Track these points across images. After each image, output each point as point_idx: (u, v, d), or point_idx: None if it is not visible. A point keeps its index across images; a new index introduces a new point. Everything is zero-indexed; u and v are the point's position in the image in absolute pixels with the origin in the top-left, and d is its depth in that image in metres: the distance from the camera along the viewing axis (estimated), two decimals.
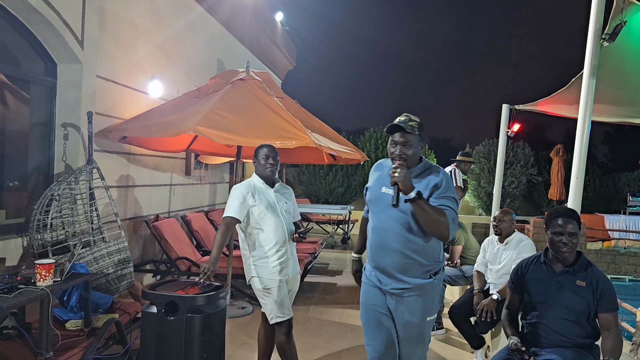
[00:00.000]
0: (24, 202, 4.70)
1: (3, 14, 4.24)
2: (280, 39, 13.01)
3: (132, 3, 5.95)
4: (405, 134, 2.61)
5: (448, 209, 2.50)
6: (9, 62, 4.47)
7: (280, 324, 3.47)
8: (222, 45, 9.15)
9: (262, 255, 3.44)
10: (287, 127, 4.99)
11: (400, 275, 2.66)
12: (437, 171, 2.66)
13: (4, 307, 2.70)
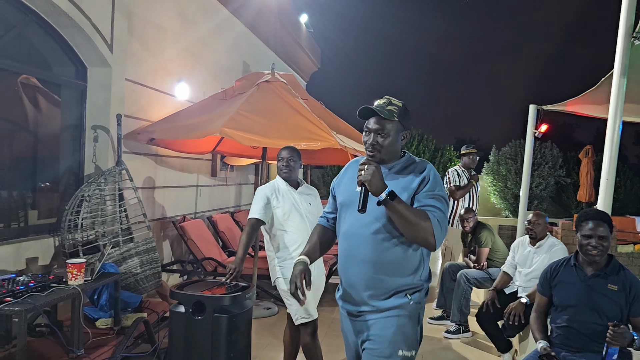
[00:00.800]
0: (55, 203, 4.81)
1: (36, 19, 4.36)
2: (304, 40, 13.06)
3: (160, 7, 6.05)
4: (381, 120, 2.16)
5: (434, 210, 2.06)
6: (41, 66, 4.59)
7: (305, 325, 3.48)
8: (247, 47, 9.22)
9: (287, 256, 3.45)
10: (312, 129, 5.01)
11: (369, 292, 2.16)
12: (423, 165, 2.21)
13: (38, 305, 2.77)
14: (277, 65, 7.24)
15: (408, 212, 2.01)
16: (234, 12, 8.31)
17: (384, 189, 2.00)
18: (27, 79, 4.50)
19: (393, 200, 1.99)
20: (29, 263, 4.05)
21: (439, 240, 2.04)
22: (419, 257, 2.19)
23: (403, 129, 2.21)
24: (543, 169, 14.50)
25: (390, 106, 2.20)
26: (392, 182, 2.13)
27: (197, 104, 6.05)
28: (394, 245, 2.13)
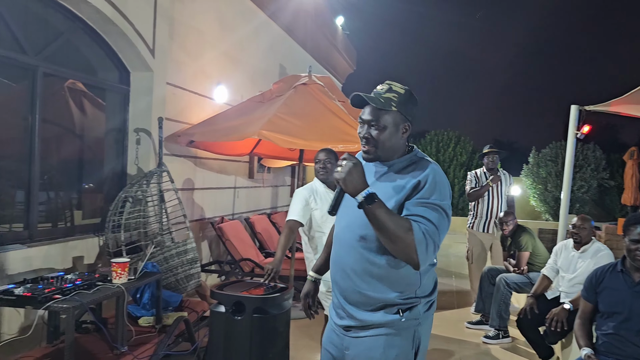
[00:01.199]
0: (100, 204, 4.97)
1: (82, 26, 4.51)
2: (340, 43, 13.08)
3: (200, 12, 6.17)
4: (376, 110, 1.85)
5: (422, 221, 1.72)
6: (87, 71, 4.74)
7: None
8: (284, 50, 9.30)
9: None
10: (349, 131, 5.01)
11: (354, 305, 1.93)
12: (424, 166, 1.86)
13: (84, 303, 2.86)
14: (313, 67, 7.27)
15: (387, 220, 1.69)
16: (271, 15, 8.40)
17: (362, 190, 1.70)
18: (74, 83, 4.66)
19: (371, 204, 1.69)
20: (75, 262, 4.19)
21: (423, 258, 1.70)
22: (413, 273, 1.85)
23: (404, 121, 1.88)
24: (585, 171, 14.08)
25: (389, 93, 1.88)
26: (385, 184, 1.87)
27: (236, 106, 6.14)
28: (381, 256, 1.83)
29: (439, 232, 1.74)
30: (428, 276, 1.94)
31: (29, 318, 3.59)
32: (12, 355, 3.14)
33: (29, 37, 3.95)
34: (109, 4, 4.39)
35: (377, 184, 1.88)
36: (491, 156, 6.10)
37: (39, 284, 3.01)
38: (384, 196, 1.78)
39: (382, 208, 1.70)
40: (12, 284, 2.99)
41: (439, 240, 1.75)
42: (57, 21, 4.31)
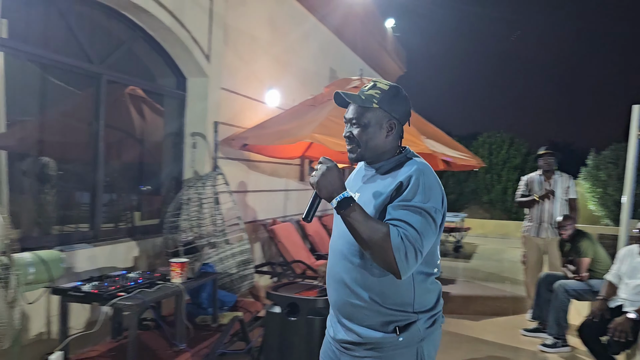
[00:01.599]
0: (157, 205, 5.15)
1: (142, 35, 4.70)
2: (390, 45, 13.02)
3: (253, 18, 6.30)
4: (358, 108, 1.78)
5: (402, 225, 1.58)
6: (146, 78, 4.94)
7: None
8: (334, 53, 9.35)
9: None
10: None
11: (347, 321, 1.79)
12: (409, 167, 1.71)
13: (146, 301, 2.98)
14: (363, 70, 7.28)
15: (362, 225, 1.58)
16: (321, 18, 8.47)
17: (336, 195, 1.62)
18: (134, 90, 4.87)
19: (345, 209, 1.60)
20: (135, 261, 4.36)
21: (402, 266, 1.55)
22: (406, 284, 1.70)
23: (388, 118, 1.77)
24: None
25: (372, 90, 1.78)
26: (370, 187, 1.77)
27: (288, 110, 6.22)
28: (370, 265, 1.70)
29: (422, 238, 1.58)
30: (424, 289, 1.76)
31: (94, 314, 3.77)
32: (80, 349, 3.30)
33: (94, 47, 4.15)
34: (167, 13, 4.55)
35: (363, 187, 1.81)
36: (546, 158, 5.91)
37: (104, 282, 3.16)
38: (367, 200, 1.71)
39: (358, 213, 1.60)
40: (80, 281, 3.15)
41: (421, 247, 1.58)
42: (120, 31, 4.51)
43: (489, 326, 5.45)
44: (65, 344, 3.01)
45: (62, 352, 2.93)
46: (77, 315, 3.65)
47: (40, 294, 2.93)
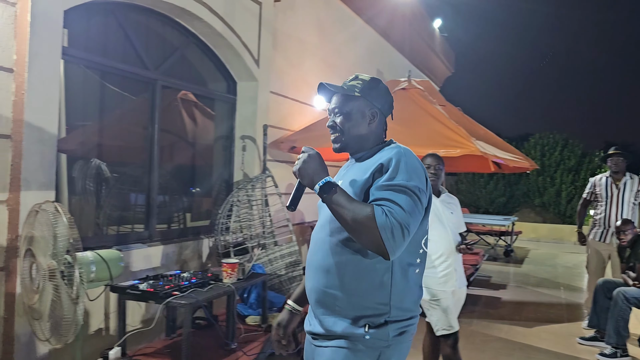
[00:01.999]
0: (208, 207, 5.27)
1: (195, 41, 4.83)
2: (438, 45, 12.85)
3: (301, 22, 6.36)
4: (340, 97, 1.82)
5: (387, 204, 1.54)
6: (198, 83, 5.07)
7: (446, 337, 3.42)
8: (381, 55, 9.31)
9: (429, 265, 3.42)
10: (450, 135, 4.91)
11: (321, 309, 1.74)
12: (390, 151, 1.70)
13: (200, 300, 3.05)
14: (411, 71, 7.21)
15: (346, 207, 1.56)
16: (368, 20, 8.45)
17: (318, 181, 1.62)
18: (186, 94, 5.00)
19: (328, 192, 1.59)
20: (187, 261, 4.48)
21: (390, 245, 1.50)
22: (383, 271, 1.66)
23: (370, 107, 1.80)
24: None
25: (354, 81, 1.83)
26: (351, 173, 1.78)
27: None
28: (348, 251, 1.68)
29: (408, 215, 1.53)
30: (403, 284, 1.69)
31: (148, 311, 3.89)
32: (136, 346, 3.42)
33: (149, 54, 4.30)
34: (219, 19, 4.66)
35: (345, 175, 1.82)
36: (615, 159, 5.65)
37: (159, 281, 3.26)
38: (348, 186, 1.71)
39: (341, 196, 1.59)
40: (137, 280, 3.26)
41: (407, 224, 1.52)
42: (173, 37, 4.65)
43: (543, 333, 5.28)
44: (123, 340, 3.12)
45: (120, 347, 3.05)
46: (132, 312, 3.79)
47: (101, 291, 3.06)
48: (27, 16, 2.99)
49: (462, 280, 3.53)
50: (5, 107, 2.98)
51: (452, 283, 3.41)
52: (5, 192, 2.98)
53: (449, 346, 3.42)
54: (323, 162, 1.66)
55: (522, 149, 14.72)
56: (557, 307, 6.43)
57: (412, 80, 5.83)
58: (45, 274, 2.45)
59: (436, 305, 3.39)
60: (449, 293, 3.41)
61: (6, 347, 2.93)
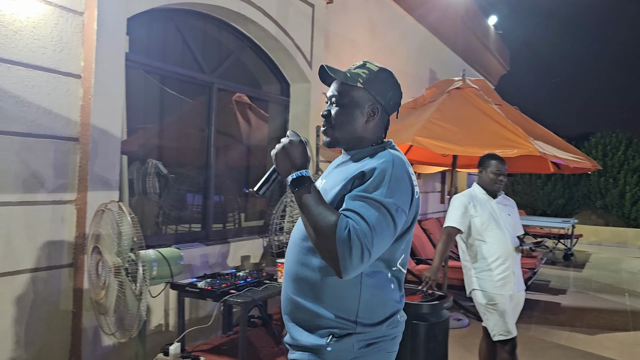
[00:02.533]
0: (262, 207, 5.35)
1: (250, 44, 4.92)
2: (492, 43, 12.54)
3: (353, 23, 6.36)
4: (340, 85, 1.60)
5: (354, 217, 1.37)
6: (252, 85, 5.16)
7: (504, 342, 3.33)
8: (433, 54, 9.18)
9: (485, 267, 3.35)
10: (507, 135, 4.78)
11: (289, 320, 1.59)
12: (380, 157, 1.51)
13: (256, 299, 3.11)
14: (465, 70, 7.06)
15: (312, 209, 1.40)
16: (419, 19, 8.35)
17: (293, 171, 1.45)
18: (240, 97, 5.11)
19: (299, 187, 1.43)
20: (242, 260, 4.56)
21: (345, 263, 1.34)
22: (353, 283, 1.48)
23: (371, 102, 1.59)
24: None
25: (360, 69, 1.62)
26: (335, 174, 1.60)
27: None
28: (319, 259, 1.49)
29: (374, 235, 1.36)
30: (374, 295, 1.51)
31: (205, 309, 3.99)
32: (194, 342, 3.52)
33: (206, 57, 4.42)
34: (273, 23, 4.73)
35: (331, 174, 1.64)
36: None
37: (216, 280, 3.35)
38: (329, 187, 1.55)
39: (311, 196, 1.42)
40: (195, 278, 3.36)
41: (370, 245, 1.35)
42: (229, 41, 4.76)
43: (606, 342, 5.05)
44: (182, 336, 3.22)
45: (179, 343, 3.14)
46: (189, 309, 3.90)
47: (162, 288, 3.16)
48: (94, 24, 3.13)
49: (520, 284, 3.43)
50: (74, 112, 3.14)
51: (509, 287, 3.32)
52: (74, 192, 3.13)
53: (506, 352, 3.33)
54: (305, 152, 1.49)
55: (582, 149, 14.13)
56: (622, 315, 6.14)
57: (466, 79, 5.71)
58: (111, 271, 2.56)
59: (493, 310, 3.31)
60: (506, 297, 3.32)
61: (75, 339, 3.09)
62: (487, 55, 12.31)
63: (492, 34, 12.61)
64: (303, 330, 1.53)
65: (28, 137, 2.91)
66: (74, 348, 3.11)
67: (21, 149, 2.88)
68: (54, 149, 3.03)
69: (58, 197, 3.06)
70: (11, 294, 2.85)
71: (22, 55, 2.86)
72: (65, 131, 3.09)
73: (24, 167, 2.89)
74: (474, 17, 11.07)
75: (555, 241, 11.02)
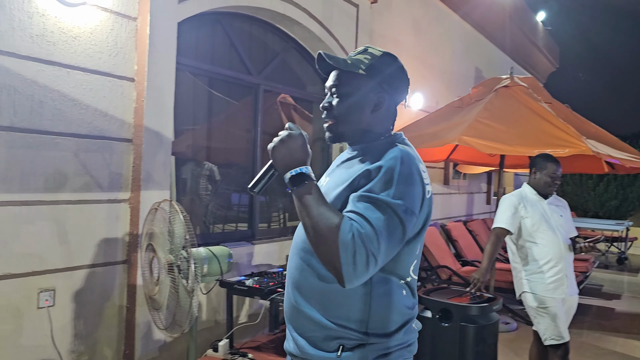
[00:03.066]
0: None
1: (295, 45, 4.97)
2: (541, 40, 12.19)
3: (397, 22, 6.32)
4: (341, 73, 1.46)
5: (358, 220, 1.25)
6: (297, 86, 5.20)
7: (555, 347, 3.24)
8: (479, 52, 9.01)
9: (536, 270, 3.26)
10: (558, 134, 4.64)
11: (292, 329, 1.47)
12: (390, 153, 1.36)
13: None
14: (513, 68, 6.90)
15: (312, 210, 1.27)
16: (464, 16, 8.20)
17: (293, 168, 1.31)
18: (284, 97, 5.16)
19: (298, 186, 1.29)
20: (286, 259, 4.60)
21: (348, 270, 1.22)
22: (363, 291, 1.35)
23: (376, 90, 1.45)
24: None
25: (362, 54, 1.48)
26: (340, 172, 1.47)
27: (433, 113, 6.13)
28: (319, 264, 1.36)
29: (380, 240, 1.24)
30: (386, 304, 1.37)
31: (251, 307, 4.06)
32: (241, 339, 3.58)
33: (252, 59, 4.49)
34: (317, 23, 4.76)
35: (335, 171, 1.51)
36: None
37: (264, 278, 3.40)
38: (332, 187, 1.42)
39: (312, 195, 1.28)
40: (243, 276, 3.42)
41: (377, 251, 1.23)
42: (274, 43, 4.82)
43: None
44: (231, 333, 3.28)
45: (228, 340, 3.20)
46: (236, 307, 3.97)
47: (212, 286, 3.24)
48: (147, 29, 3.24)
49: (573, 288, 3.33)
50: (128, 114, 3.25)
51: (562, 290, 3.23)
52: (127, 192, 3.25)
53: (558, 357, 3.24)
54: (306, 147, 1.35)
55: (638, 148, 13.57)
56: None
57: (515, 77, 5.58)
58: (164, 268, 2.64)
59: (544, 313, 3.22)
60: (558, 300, 3.23)
61: (129, 333, 3.20)
62: (535, 52, 11.98)
63: (540, 30, 12.27)
64: (309, 341, 1.41)
65: (85, 139, 3.03)
66: (128, 342, 3.22)
67: (79, 149, 3.00)
68: (109, 149, 3.15)
69: (113, 196, 3.17)
70: (70, 289, 2.97)
71: (81, 60, 2.99)
72: (119, 132, 3.21)
73: (82, 167, 3.01)
74: (522, 13, 10.80)
75: (608, 244, 10.62)
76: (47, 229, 2.85)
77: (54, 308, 2.89)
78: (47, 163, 2.85)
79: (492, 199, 9.27)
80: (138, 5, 3.26)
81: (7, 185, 2.69)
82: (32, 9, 2.76)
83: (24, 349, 2.78)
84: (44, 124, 2.83)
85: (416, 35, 6.81)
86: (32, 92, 2.77)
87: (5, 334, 2.71)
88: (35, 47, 2.78)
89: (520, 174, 10.27)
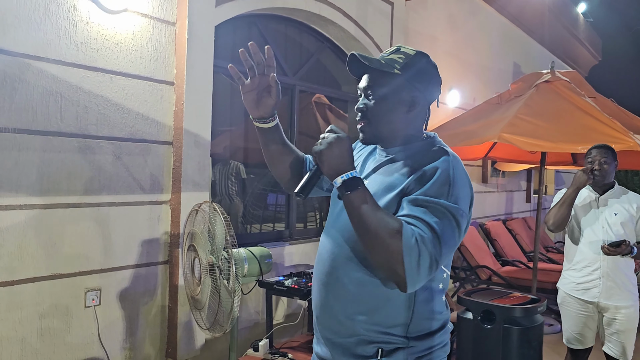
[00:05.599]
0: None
1: (329, 45, 4.96)
2: (582, 32, 11.83)
3: (432, 18, 6.24)
4: (375, 74, 1.43)
5: (419, 225, 1.23)
6: (332, 86, 5.19)
7: (571, 352, 3.17)
8: (517, 47, 8.80)
9: (570, 267, 3.17)
10: (604, 130, 4.49)
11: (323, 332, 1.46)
12: (437, 156, 1.36)
13: None
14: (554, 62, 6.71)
15: (369, 215, 1.24)
16: (501, 10, 8.03)
17: (343, 172, 1.28)
18: (319, 97, 5.16)
19: (352, 191, 1.26)
20: None
21: (412, 275, 1.20)
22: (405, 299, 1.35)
23: (411, 90, 1.41)
24: None
25: (395, 54, 1.43)
26: (382, 177, 1.42)
27: (471, 110, 6.02)
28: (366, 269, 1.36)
29: (442, 245, 1.23)
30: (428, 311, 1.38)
31: (290, 307, 4.08)
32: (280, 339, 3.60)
33: (288, 60, 4.51)
34: (352, 23, 4.74)
35: (373, 176, 1.46)
36: None
37: (302, 278, 3.40)
38: (377, 192, 1.37)
39: (366, 199, 1.26)
40: (281, 277, 3.44)
41: (439, 255, 1.22)
42: (309, 43, 4.82)
43: None
44: (270, 333, 3.31)
45: (267, 340, 3.23)
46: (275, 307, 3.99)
47: (252, 286, 3.27)
48: (185, 34, 3.29)
49: (619, 295, 2.99)
50: (168, 117, 3.31)
51: (592, 294, 3.01)
52: (168, 193, 3.31)
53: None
54: (351, 150, 1.34)
55: None
56: None
57: (556, 71, 5.42)
58: (206, 269, 2.68)
59: (562, 312, 3.16)
60: (581, 303, 3.07)
61: (171, 332, 3.26)
62: (576, 45, 11.64)
63: (581, 22, 11.91)
64: (343, 347, 1.40)
65: (128, 142, 3.10)
66: (170, 341, 3.28)
67: (122, 153, 3.07)
68: (150, 152, 3.22)
69: (154, 198, 3.24)
70: (115, 289, 3.05)
71: (122, 66, 3.06)
72: (160, 135, 3.27)
73: (124, 169, 3.09)
74: (561, 5, 10.50)
75: None
76: (92, 230, 2.94)
77: (100, 307, 2.97)
78: (92, 166, 2.93)
79: (532, 197, 9.05)
80: (177, 10, 3.32)
81: (55, 188, 2.77)
82: (77, 17, 2.84)
83: (73, 346, 2.87)
84: (89, 128, 2.91)
85: (452, 31, 6.71)
86: (78, 98, 2.86)
87: (55, 332, 2.80)
88: (80, 54, 2.86)
89: (561, 171, 9.99)
